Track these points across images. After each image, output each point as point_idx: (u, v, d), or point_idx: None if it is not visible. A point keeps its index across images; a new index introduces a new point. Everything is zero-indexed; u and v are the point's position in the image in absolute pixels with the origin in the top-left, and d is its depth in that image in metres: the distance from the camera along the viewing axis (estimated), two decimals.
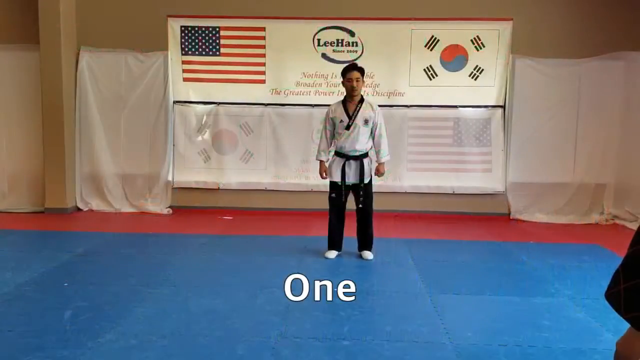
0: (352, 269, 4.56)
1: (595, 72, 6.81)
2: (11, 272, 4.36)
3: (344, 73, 4.71)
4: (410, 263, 4.85)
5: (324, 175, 4.86)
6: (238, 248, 5.39)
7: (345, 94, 4.83)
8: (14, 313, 3.54)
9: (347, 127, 4.69)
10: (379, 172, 4.90)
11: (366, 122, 4.70)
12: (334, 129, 4.81)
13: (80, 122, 7.12)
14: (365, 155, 4.79)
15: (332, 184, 4.84)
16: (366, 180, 4.78)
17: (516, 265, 4.80)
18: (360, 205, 4.80)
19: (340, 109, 4.76)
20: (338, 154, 4.80)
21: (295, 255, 5.01)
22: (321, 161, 4.87)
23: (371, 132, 4.78)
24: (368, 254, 4.92)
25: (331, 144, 4.88)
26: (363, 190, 4.77)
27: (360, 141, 4.72)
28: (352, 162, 4.73)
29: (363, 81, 4.75)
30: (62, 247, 5.25)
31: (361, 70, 4.70)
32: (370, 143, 4.83)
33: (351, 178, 4.75)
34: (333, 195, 4.83)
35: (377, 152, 4.86)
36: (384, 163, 4.89)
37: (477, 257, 5.09)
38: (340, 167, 4.74)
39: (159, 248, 5.32)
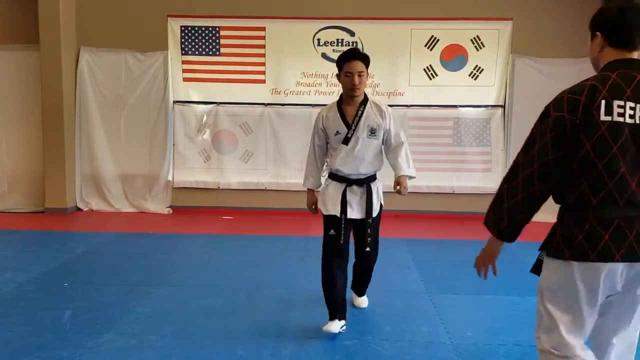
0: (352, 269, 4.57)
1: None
2: (11, 272, 4.36)
3: (341, 62, 3.24)
4: (410, 263, 4.85)
5: (314, 207, 3.43)
6: (238, 248, 5.39)
7: (340, 96, 3.42)
8: (14, 313, 3.54)
9: (346, 141, 3.25)
10: (401, 186, 3.27)
11: (373, 131, 3.26)
12: (327, 143, 3.38)
13: (80, 122, 7.13)
14: (374, 178, 3.36)
15: (328, 219, 3.32)
16: (374, 214, 3.34)
17: (516, 265, 4.80)
18: (367, 249, 3.36)
19: (335, 116, 3.30)
20: (335, 176, 3.34)
21: (295, 255, 5.01)
22: (309, 190, 3.47)
23: (384, 143, 3.36)
24: (362, 301, 3.73)
25: (323, 164, 3.50)
26: (370, 228, 3.31)
27: (365, 160, 3.27)
28: (355, 188, 3.30)
29: (367, 74, 3.30)
30: (62, 247, 5.25)
31: (365, 60, 3.24)
32: (380, 161, 3.37)
33: (354, 211, 3.29)
34: (331, 232, 3.31)
35: (395, 167, 3.34)
36: (406, 177, 3.31)
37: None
38: (340, 196, 3.29)
39: (159, 248, 5.33)
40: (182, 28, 7.03)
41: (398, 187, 3.27)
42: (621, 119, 1.70)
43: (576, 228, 1.76)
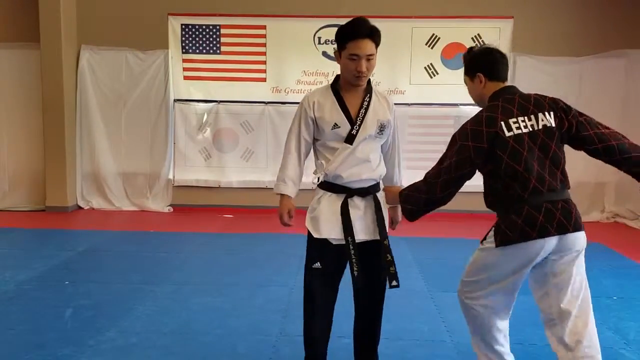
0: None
1: (595, 70, 6.80)
2: (12, 271, 4.36)
3: (345, 40, 2.44)
4: (411, 261, 4.85)
5: (286, 218, 2.66)
6: (239, 246, 5.39)
7: (336, 78, 2.62)
8: (15, 311, 3.55)
9: (350, 139, 2.49)
10: (394, 223, 2.78)
11: (382, 129, 2.56)
12: (316, 140, 2.60)
13: (81, 121, 7.13)
14: (378, 187, 2.64)
15: (318, 245, 2.57)
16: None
17: None
18: (395, 283, 2.58)
19: (332, 104, 2.53)
20: (331, 186, 2.57)
21: (295, 254, 5.00)
22: (283, 196, 2.66)
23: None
24: None
25: (304, 164, 2.68)
26: (389, 253, 2.57)
27: (371, 162, 2.56)
28: (357, 200, 2.55)
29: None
30: (63, 246, 5.26)
31: (377, 38, 2.51)
32: (384, 165, 2.68)
33: (360, 231, 2.53)
34: (317, 265, 2.57)
35: (389, 182, 2.74)
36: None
37: None
38: (339, 212, 2.52)
39: (160, 246, 5.33)
40: (183, 26, 7.02)
41: (392, 224, 2.71)
42: (519, 131, 2.23)
43: (516, 217, 2.19)
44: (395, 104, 2.76)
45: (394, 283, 2.54)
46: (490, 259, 2.32)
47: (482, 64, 2.42)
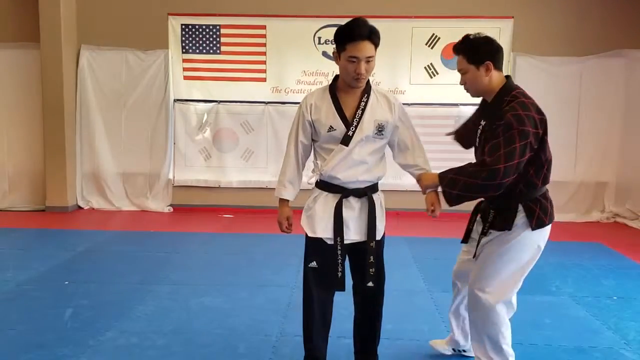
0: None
1: (596, 70, 6.80)
2: (12, 271, 4.37)
3: (345, 42, 2.40)
4: (411, 261, 4.86)
5: (285, 227, 2.68)
6: (239, 246, 5.39)
7: (335, 78, 2.59)
8: (15, 311, 3.55)
9: (346, 141, 2.48)
10: (435, 207, 2.62)
11: (381, 129, 2.51)
12: (314, 140, 2.60)
13: (81, 121, 7.12)
14: (376, 188, 2.61)
15: (314, 244, 2.58)
16: (378, 236, 2.58)
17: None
18: (370, 284, 2.55)
19: (329, 106, 2.51)
20: (327, 185, 2.57)
21: (295, 254, 5.00)
22: (282, 201, 2.69)
23: (395, 144, 2.66)
24: None
25: (304, 169, 2.69)
26: (372, 255, 2.54)
27: (368, 164, 2.53)
28: (352, 200, 2.54)
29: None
30: (63, 246, 5.26)
31: (377, 40, 2.47)
32: (383, 165, 2.62)
33: (351, 232, 2.54)
34: (313, 265, 2.57)
35: (414, 168, 2.69)
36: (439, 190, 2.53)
37: None
38: (333, 212, 2.52)
39: (160, 246, 5.33)
40: (183, 26, 7.02)
41: (432, 208, 2.59)
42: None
43: (546, 201, 2.38)
44: None
45: (370, 284, 2.55)
46: (523, 245, 2.40)
47: (490, 52, 2.36)
